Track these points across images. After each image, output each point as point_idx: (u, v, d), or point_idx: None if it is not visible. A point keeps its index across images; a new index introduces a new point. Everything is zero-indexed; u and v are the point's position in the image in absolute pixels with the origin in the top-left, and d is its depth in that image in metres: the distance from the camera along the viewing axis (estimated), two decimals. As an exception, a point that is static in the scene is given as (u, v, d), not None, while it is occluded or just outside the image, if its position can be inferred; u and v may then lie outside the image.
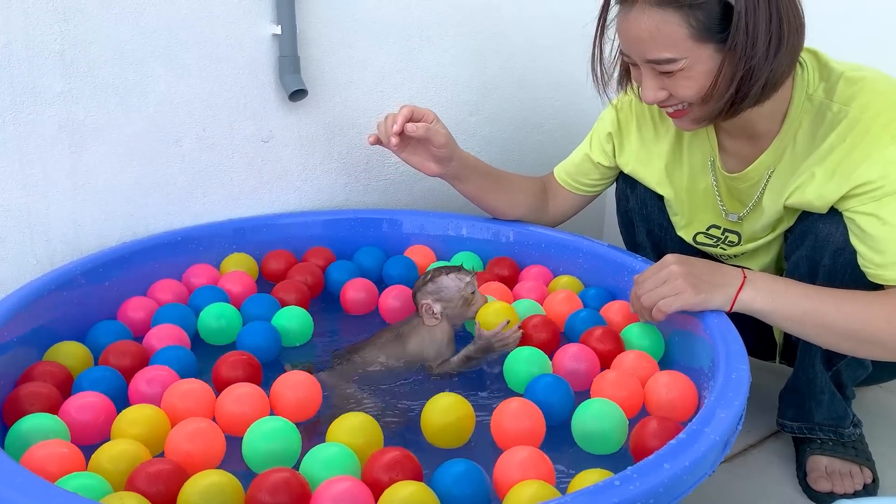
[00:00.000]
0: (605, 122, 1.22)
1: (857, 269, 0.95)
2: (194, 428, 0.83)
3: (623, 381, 0.95)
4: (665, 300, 0.97)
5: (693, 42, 0.90)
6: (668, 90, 0.96)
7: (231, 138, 1.33)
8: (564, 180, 1.30)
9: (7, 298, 0.99)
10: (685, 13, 0.89)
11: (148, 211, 1.28)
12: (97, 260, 1.14)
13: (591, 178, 1.27)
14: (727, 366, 0.87)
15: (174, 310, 1.13)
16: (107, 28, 1.17)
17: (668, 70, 0.93)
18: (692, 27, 0.89)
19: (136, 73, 1.21)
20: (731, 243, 1.14)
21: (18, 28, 1.10)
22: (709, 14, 0.89)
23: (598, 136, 1.24)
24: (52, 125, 1.16)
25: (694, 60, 0.92)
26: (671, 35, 0.90)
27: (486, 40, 1.58)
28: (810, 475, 1.09)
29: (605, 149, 1.23)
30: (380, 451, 0.81)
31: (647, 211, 1.22)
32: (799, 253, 1.02)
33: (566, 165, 1.30)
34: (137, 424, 0.86)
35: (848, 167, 0.93)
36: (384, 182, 1.53)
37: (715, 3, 0.88)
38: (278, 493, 0.73)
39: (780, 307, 0.94)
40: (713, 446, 0.74)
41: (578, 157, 1.28)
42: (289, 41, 1.30)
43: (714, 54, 0.91)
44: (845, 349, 0.95)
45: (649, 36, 0.91)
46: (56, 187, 1.19)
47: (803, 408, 1.10)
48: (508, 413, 0.90)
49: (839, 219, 0.97)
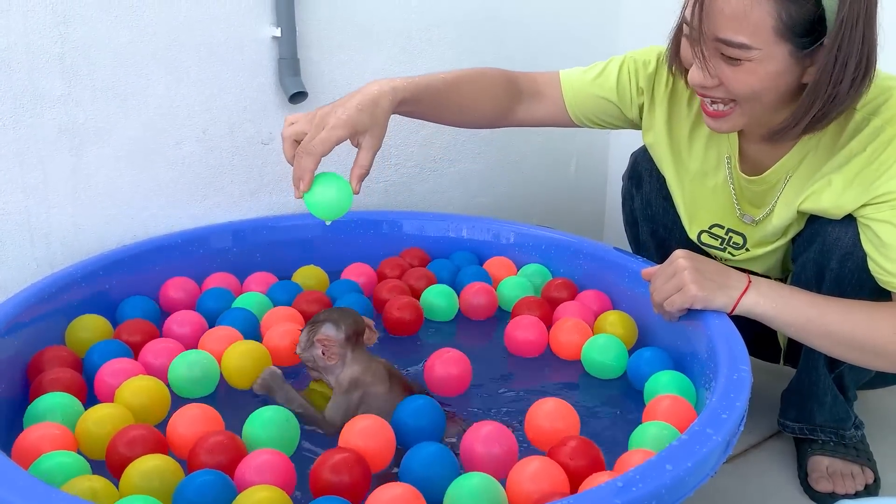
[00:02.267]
0: (639, 70, 1.12)
1: (864, 275, 0.95)
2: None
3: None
4: (670, 300, 0.97)
5: (774, 36, 0.85)
6: (721, 79, 0.90)
7: (231, 141, 1.34)
8: (572, 107, 1.16)
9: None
10: (780, 3, 0.83)
11: (148, 214, 1.28)
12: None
13: (606, 118, 1.17)
14: (729, 367, 0.87)
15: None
16: (107, 31, 1.17)
17: (736, 56, 0.87)
18: (781, 20, 0.84)
19: (136, 76, 1.21)
20: (736, 245, 1.12)
21: (18, 31, 1.10)
22: (801, 13, 0.84)
23: (628, 78, 1.13)
24: (52, 128, 1.16)
25: (766, 56, 0.86)
26: (757, 20, 0.84)
27: (485, 43, 1.58)
28: (811, 475, 1.09)
29: (634, 99, 1.14)
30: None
31: (651, 211, 1.22)
32: (806, 256, 1.01)
33: (578, 93, 1.15)
34: (139, 394, 0.91)
35: (868, 177, 0.92)
36: (384, 184, 1.54)
37: (811, 5, 0.84)
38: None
39: (784, 313, 0.93)
40: (715, 447, 0.74)
41: (596, 91, 1.15)
42: (288, 44, 1.30)
43: (787, 57, 0.87)
44: (849, 359, 0.95)
45: (733, 13, 0.85)
46: (56, 190, 1.19)
47: (805, 409, 1.10)
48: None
49: (849, 223, 0.96)
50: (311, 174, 0.93)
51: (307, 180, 0.93)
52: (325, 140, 0.92)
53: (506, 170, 1.70)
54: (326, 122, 0.93)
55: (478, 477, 0.77)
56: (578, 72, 1.17)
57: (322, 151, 0.92)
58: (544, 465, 0.79)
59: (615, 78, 1.13)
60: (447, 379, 1.02)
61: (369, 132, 0.96)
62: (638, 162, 1.23)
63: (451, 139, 1.59)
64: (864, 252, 0.94)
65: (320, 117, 0.94)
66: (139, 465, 0.77)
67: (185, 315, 1.12)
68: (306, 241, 1.37)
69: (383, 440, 0.85)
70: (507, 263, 1.34)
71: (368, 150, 0.96)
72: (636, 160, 1.24)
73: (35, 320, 1.01)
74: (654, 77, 1.12)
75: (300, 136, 0.95)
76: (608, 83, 1.14)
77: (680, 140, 1.12)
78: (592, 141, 1.83)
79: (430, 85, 1.05)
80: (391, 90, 0.98)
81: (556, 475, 0.78)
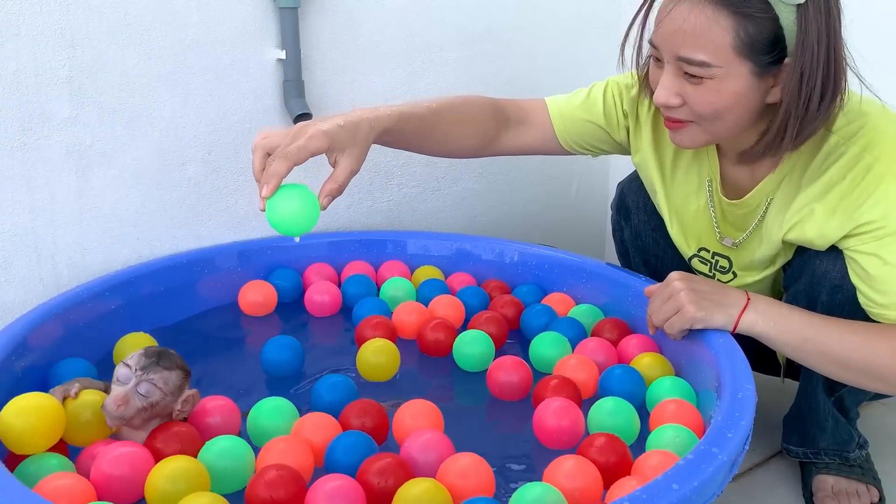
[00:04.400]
0: (622, 93, 1.12)
1: (855, 306, 0.94)
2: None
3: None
4: (669, 322, 0.97)
5: (734, 54, 0.86)
6: (684, 97, 0.91)
7: (236, 162, 1.35)
8: (561, 132, 1.16)
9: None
10: (738, 21, 0.84)
11: (154, 234, 1.29)
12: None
13: (595, 143, 1.17)
14: (733, 385, 0.87)
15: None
16: (114, 54, 1.18)
17: (697, 74, 0.88)
18: (739, 38, 0.85)
19: (143, 99, 1.23)
20: (723, 269, 1.11)
21: (28, 55, 1.11)
22: (759, 31, 0.84)
23: (613, 102, 1.13)
24: (59, 150, 1.17)
25: (726, 74, 0.87)
26: (716, 38, 0.85)
27: (487, 63, 1.60)
28: (817, 495, 1.09)
29: (620, 121, 1.13)
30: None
31: (641, 242, 1.21)
32: (796, 287, 1.01)
33: (566, 118, 1.15)
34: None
35: (850, 206, 0.91)
36: (388, 203, 1.54)
37: (768, 22, 0.84)
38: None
39: (782, 333, 0.93)
40: (721, 467, 0.74)
41: (583, 115, 1.14)
42: (293, 65, 1.32)
43: (749, 76, 0.87)
44: (846, 380, 0.94)
45: (692, 31, 0.86)
46: (63, 211, 1.20)
47: (807, 435, 1.09)
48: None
49: (836, 255, 0.95)
50: (279, 179, 0.87)
51: (273, 185, 0.87)
52: (303, 148, 0.88)
53: (507, 189, 1.71)
54: (305, 131, 0.90)
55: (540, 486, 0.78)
56: (564, 98, 1.17)
57: (297, 158, 0.88)
58: (578, 463, 0.81)
59: (601, 102, 1.13)
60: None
61: (348, 150, 0.93)
62: (625, 193, 1.23)
63: (454, 160, 1.60)
64: (852, 285, 0.94)
65: (298, 129, 0.91)
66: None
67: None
68: (309, 259, 1.38)
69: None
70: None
71: (345, 169, 0.92)
72: (622, 192, 1.24)
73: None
74: (636, 99, 1.11)
75: (273, 150, 0.90)
76: (595, 107, 1.14)
77: (665, 161, 1.11)
78: (593, 161, 1.84)
79: (414, 114, 1.04)
80: (374, 118, 0.97)
81: (590, 472, 0.81)
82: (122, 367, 0.86)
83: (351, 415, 0.93)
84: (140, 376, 0.84)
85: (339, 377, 1.02)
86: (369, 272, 1.37)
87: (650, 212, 1.19)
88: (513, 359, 1.06)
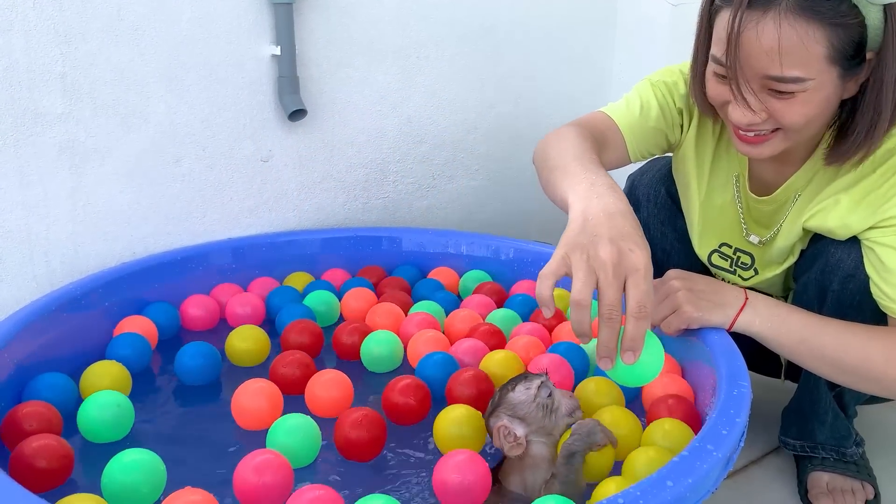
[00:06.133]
0: (672, 92, 1.08)
1: (865, 297, 0.94)
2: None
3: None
4: (666, 322, 0.97)
5: (826, 64, 0.82)
6: (770, 112, 0.87)
7: (231, 158, 1.34)
8: (632, 147, 1.09)
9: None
10: (829, 30, 0.80)
11: (147, 231, 1.28)
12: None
13: (653, 149, 1.11)
14: (729, 383, 0.87)
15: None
16: (108, 50, 1.18)
17: (789, 90, 0.84)
18: (832, 47, 0.81)
19: (137, 95, 1.22)
20: (745, 266, 1.11)
21: (20, 50, 1.11)
22: (849, 35, 0.81)
23: (666, 103, 1.08)
24: (53, 146, 1.16)
25: (819, 84, 0.84)
26: (809, 52, 0.81)
27: (483, 60, 1.59)
28: (811, 492, 1.09)
29: (675, 121, 1.09)
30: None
31: (649, 236, 1.20)
32: (808, 276, 1.01)
33: (635, 132, 1.08)
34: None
35: (876, 200, 0.91)
36: (383, 200, 1.54)
37: (857, 26, 0.81)
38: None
39: (779, 333, 0.93)
40: (716, 464, 0.74)
41: (646, 123, 1.08)
42: (288, 62, 1.31)
43: (836, 80, 0.85)
44: (841, 381, 0.94)
45: (784, 50, 0.81)
46: (56, 208, 1.19)
47: (806, 428, 1.10)
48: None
49: (852, 244, 0.95)
50: (643, 341, 0.78)
51: (640, 349, 0.78)
52: (649, 292, 0.77)
53: (504, 186, 1.71)
54: (630, 265, 0.76)
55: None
56: (623, 110, 1.10)
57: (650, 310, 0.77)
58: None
59: (657, 105, 1.08)
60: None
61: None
62: (635, 185, 1.23)
63: (450, 156, 1.60)
64: (866, 275, 0.94)
65: (614, 265, 0.76)
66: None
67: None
68: (305, 256, 1.38)
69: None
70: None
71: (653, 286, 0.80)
72: (633, 184, 1.23)
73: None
74: (687, 96, 1.08)
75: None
76: (653, 112, 1.08)
77: (705, 157, 1.10)
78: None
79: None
80: (622, 198, 0.83)
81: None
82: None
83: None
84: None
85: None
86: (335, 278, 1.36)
87: (661, 205, 1.18)
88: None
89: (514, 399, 0.88)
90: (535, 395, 0.88)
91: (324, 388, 0.99)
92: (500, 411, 0.88)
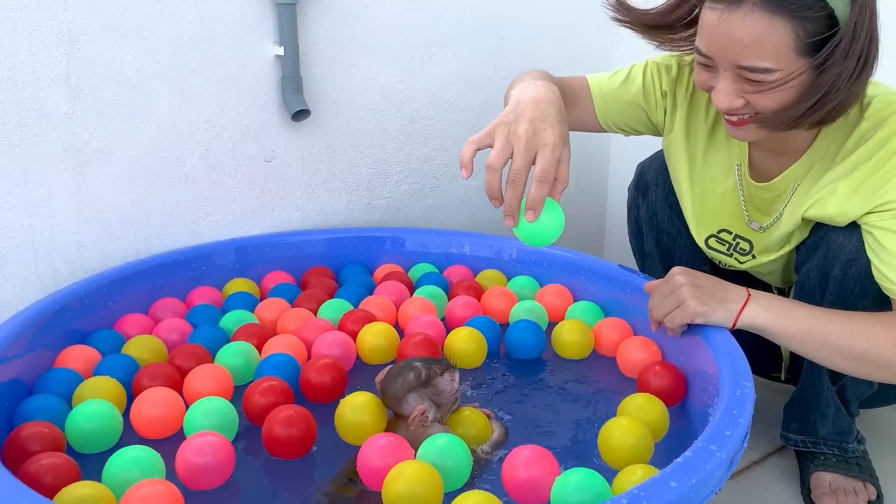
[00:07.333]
0: (661, 74, 1.13)
1: (868, 282, 0.96)
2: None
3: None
4: (670, 316, 0.97)
5: (794, 55, 0.86)
6: (746, 99, 0.91)
7: (234, 158, 1.34)
8: (601, 111, 1.17)
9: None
10: (795, 23, 0.84)
11: (151, 231, 1.29)
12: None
13: (631, 123, 1.18)
14: (732, 383, 0.87)
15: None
16: (111, 50, 1.18)
17: (760, 80, 0.88)
18: (799, 38, 0.85)
19: (141, 95, 1.22)
20: (743, 251, 1.13)
21: (24, 51, 1.11)
22: (816, 28, 0.85)
23: (652, 82, 1.14)
24: (56, 146, 1.17)
25: (788, 73, 0.87)
26: (776, 44, 0.85)
27: (485, 60, 1.60)
28: (814, 492, 1.09)
29: (658, 102, 1.14)
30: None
31: (656, 220, 1.22)
32: (810, 263, 1.02)
33: (606, 98, 1.16)
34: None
35: (873, 185, 0.93)
36: (386, 200, 1.54)
37: (824, 18, 0.85)
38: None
39: (784, 325, 0.94)
40: (720, 464, 0.74)
41: (623, 95, 1.15)
42: (291, 62, 1.32)
43: (808, 70, 0.88)
44: (848, 370, 0.95)
45: (753, 41, 0.86)
46: (60, 208, 1.19)
47: (808, 421, 1.10)
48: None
49: (853, 230, 0.97)
50: (542, 203, 0.89)
51: (539, 209, 0.89)
52: (551, 165, 0.88)
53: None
54: (540, 140, 0.89)
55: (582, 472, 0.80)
56: (605, 77, 1.17)
57: (550, 179, 0.89)
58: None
59: (640, 82, 1.14)
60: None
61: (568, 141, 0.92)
62: (644, 172, 1.24)
63: (453, 155, 1.60)
64: (867, 259, 0.95)
65: (527, 141, 0.89)
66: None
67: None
68: (308, 257, 1.38)
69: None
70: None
71: (567, 162, 0.91)
72: (643, 170, 1.25)
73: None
74: (675, 80, 1.13)
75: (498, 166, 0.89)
76: (634, 87, 1.15)
77: (696, 143, 1.12)
78: (593, 156, 1.84)
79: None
80: (556, 99, 0.95)
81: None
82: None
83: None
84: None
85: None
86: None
87: (668, 189, 1.20)
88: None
89: (441, 385, 0.95)
90: (456, 388, 0.97)
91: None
92: (425, 392, 0.94)
